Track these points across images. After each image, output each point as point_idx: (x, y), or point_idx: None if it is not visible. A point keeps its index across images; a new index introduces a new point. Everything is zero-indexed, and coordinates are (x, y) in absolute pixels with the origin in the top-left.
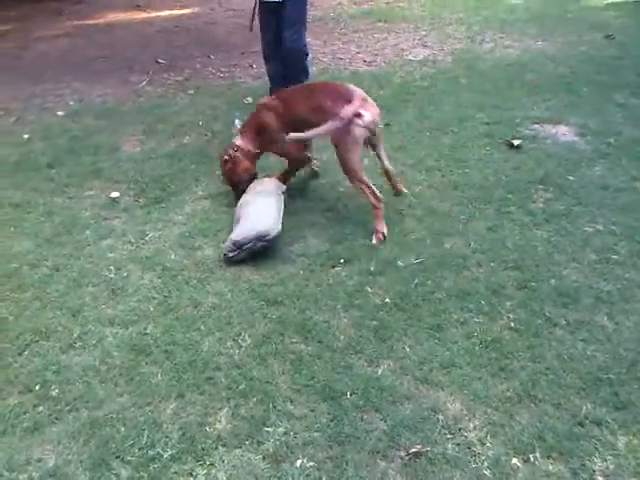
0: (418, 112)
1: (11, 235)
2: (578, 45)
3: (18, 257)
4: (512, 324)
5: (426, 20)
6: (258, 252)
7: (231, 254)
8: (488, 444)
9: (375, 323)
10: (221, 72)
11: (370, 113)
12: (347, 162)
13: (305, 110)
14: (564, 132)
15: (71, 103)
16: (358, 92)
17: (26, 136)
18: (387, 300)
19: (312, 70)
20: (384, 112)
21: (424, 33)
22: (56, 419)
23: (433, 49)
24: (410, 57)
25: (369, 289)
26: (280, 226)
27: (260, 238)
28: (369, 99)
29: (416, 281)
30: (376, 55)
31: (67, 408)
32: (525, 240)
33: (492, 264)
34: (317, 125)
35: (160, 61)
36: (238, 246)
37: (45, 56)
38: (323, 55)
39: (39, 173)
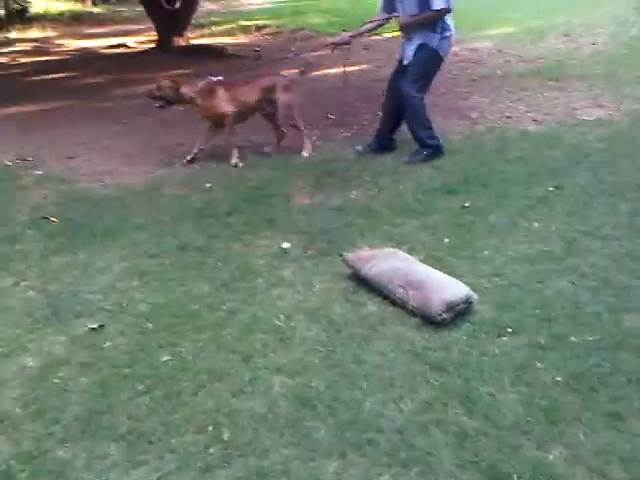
0: (592, 175)
1: (193, 277)
2: None
3: (199, 299)
4: None
5: (600, 78)
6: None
7: (445, 315)
8: None
9: (545, 403)
10: None
11: None
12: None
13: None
14: None
15: (249, 155)
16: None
17: (208, 185)
18: (559, 379)
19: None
20: (555, 174)
21: (598, 92)
22: (226, 463)
23: (608, 109)
24: (583, 117)
25: (539, 364)
26: None
27: (467, 300)
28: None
29: (591, 361)
30: (546, 114)
31: (236, 453)
32: None
33: None
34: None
35: (330, 116)
36: (450, 307)
37: None
38: (490, 113)
39: (219, 220)
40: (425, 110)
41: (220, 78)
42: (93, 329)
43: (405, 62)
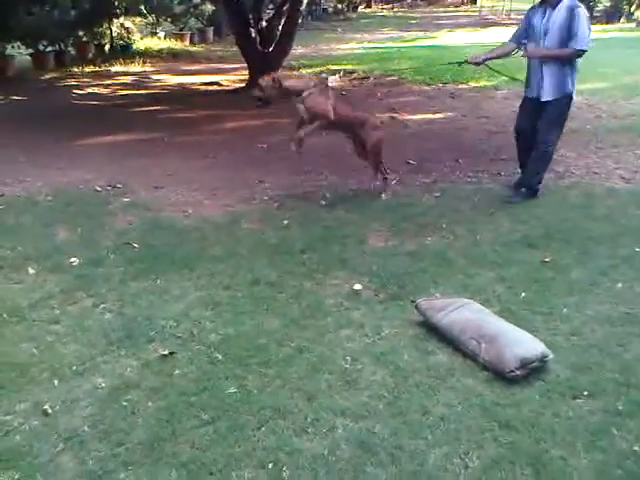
0: None
1: (264, 312)
2: None
3: (268, 334)
4: None
5: None
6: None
7: (518, 371)
8: None
9: (620, 472)
10: (468, 177)
11: None
12: None
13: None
14: None
15: (327, 195)
16: None
17: (286, 221)
18: (636, 448)
19: None
20: None
21: None
22: None
23: None
24: None
25: (615, 431)
26: None
27: (542, 358)
28: None
29: None
30: (635, 172)
31: None
32: None
33: None
34: None
35: (410, 162)
36: (524, 363)
37: (308, 149)
38: (576, 168)
39: (293, 257)
40: (551, 160)
41: (333, 83)
42: (164, 355)
43: (543, 99)
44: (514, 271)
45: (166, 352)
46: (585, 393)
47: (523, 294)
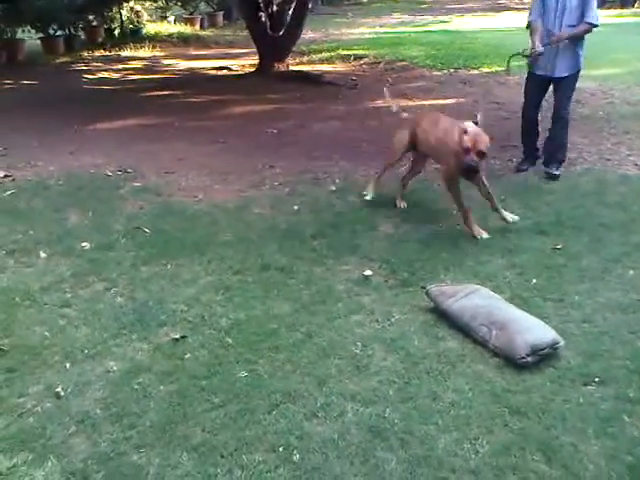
0: None
1: (274, 297)
2: None
3: (278, 319)
4: None
5: None
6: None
7: (529, 358)
8: None
9: (631, 459)
10: None
11: None
12: None
13: None
14: None
15: (337, 180)
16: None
17: (296, 207)
18: None
19: None
20: None
21: None
22: None
23: None
24: None
25: (626, 418)
26: None
27: (553, 345)
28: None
29: None
30: None
31: (305, 476)
32: None
33: None
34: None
35: None
36: (535, 350)
37: (319, 135)
38: (588, 154)
39: (303, 242)
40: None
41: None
42: (175, 339)
43: (558, 75)
44: (525, 258)
45: (177, 336)
46: (596, 380)
47: (534, 281)
